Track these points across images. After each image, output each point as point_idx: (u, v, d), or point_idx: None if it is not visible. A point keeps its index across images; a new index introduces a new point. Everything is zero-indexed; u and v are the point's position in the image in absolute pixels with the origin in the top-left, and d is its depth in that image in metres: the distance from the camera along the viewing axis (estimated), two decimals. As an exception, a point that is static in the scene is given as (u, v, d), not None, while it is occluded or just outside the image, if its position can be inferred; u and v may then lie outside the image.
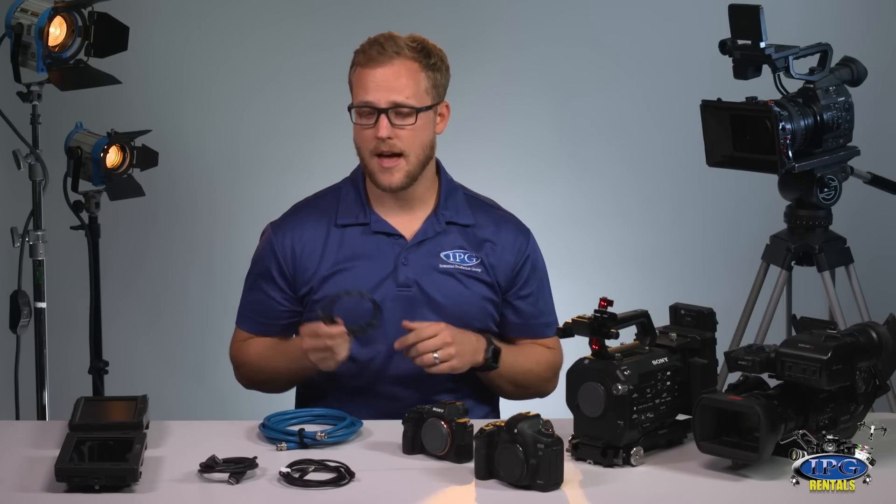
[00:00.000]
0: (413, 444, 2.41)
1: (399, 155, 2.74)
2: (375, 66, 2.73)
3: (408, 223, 2.83)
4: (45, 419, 3.40)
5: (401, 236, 2.81)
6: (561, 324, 2.41)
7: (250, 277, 2.88)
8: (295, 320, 2.83)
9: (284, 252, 2.82)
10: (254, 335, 2.86)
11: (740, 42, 3.37)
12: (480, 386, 2.85)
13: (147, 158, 3.65)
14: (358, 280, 2.76)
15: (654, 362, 2.40)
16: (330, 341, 2.61)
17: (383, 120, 2.72)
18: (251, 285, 2.87)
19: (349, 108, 2.77)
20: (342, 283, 2.77)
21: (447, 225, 2.84)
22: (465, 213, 2.86)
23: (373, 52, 2.73)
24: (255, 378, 2.87)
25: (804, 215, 3.49)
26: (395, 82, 2.72)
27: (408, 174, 2.76)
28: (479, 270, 2.82)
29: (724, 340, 2.68)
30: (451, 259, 2.82)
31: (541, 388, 2.88)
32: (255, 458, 2.32)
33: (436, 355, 2.65)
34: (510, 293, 2.84)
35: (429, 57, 2.76)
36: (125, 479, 2.22)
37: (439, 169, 2.88)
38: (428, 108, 2.76)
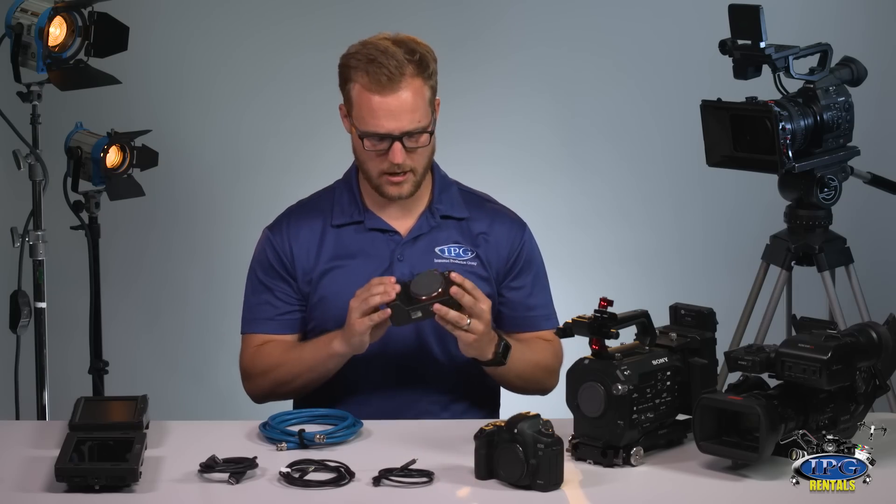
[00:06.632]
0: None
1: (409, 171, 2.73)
2: (386, 94, 2.67)
3: (402, 219, 2.82)
4: (45, 419, 3.40)
5: (395, 232, 2.81)
6: (561, 324, 2.41)
7: (253, 281, 2.84)
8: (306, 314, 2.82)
9: (284, 248, 2.81)
10: (272, 335, 2.80)
11: (740, 42, 3.37)
12: (480, 388, 2.85)
13: (147, 158, 3.65)
14: (354, 277, 2.75)
15: (654, 362, 2.40)
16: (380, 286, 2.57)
17: (398, 147, 2.69)
18: (256, 287, 2.83)
19: (354, 127, 2.72)
20: (338, 279, 2.76)
21: (442, 219, 2.83)
22: (460, 207, 2.85)
23: (380, 77, 2.66)
24: (273, 382, 2.76)
25: (804, 215, 3.48)
26: (409, 110, 2.68)
27: (415, 184, 2.75)
28: (474, 264, 2.80)
29: (724, 340, 2.68)
30: (447, 253, 2.81)
31: (544, 383, 2.84)
32: (255, 458, 2.32)
33: (469, 321, 2.58)
34: (503, 285, 2.83)
35: (427, 67, 2.71)
36: (125, 479, 2.22)
37: (433, 166, 2.88)
38: (434, 120, 2.75)
